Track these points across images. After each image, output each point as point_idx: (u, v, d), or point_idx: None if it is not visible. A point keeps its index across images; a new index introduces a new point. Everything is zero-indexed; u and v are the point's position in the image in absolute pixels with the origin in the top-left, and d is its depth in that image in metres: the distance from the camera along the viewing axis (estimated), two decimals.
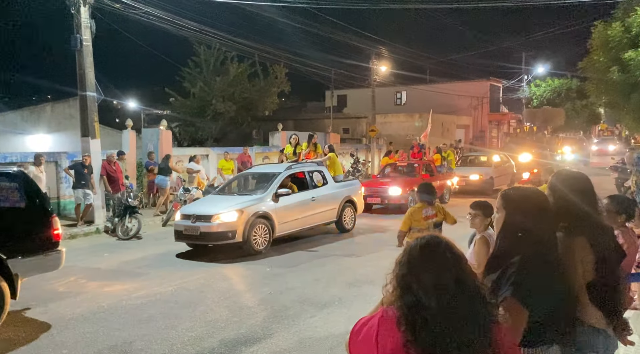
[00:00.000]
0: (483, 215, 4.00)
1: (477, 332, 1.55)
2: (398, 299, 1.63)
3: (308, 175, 10.86)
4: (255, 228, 9.03)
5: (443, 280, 1.58)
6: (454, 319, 1.54)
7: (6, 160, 12.59)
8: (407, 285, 1.62)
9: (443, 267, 1.61)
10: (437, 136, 26.87)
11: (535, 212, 2.16)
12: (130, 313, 6.13)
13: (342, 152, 24.95)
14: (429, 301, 1.56)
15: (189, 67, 25.16)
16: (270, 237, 9.32)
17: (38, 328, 5.61)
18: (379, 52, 27.53)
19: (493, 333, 1.58)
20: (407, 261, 1.67)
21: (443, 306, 1.55)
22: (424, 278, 1.60)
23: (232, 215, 8.89)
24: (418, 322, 1.56)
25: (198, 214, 9.07)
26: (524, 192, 2.29)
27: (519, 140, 30.08)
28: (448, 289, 1.57)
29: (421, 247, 1.68)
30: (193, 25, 16.92)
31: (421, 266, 1.63)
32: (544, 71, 43.30)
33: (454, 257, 1.65)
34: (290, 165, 10.92)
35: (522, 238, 2.13)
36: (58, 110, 23.34)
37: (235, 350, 4.92)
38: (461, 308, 1.56)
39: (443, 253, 1.65)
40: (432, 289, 1.57)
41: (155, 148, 15.55)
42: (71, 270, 8.32)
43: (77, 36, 11.76)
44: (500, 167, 18.91)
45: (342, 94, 37.93)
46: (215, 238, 8.93)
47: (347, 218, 11.28)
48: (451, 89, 34.95)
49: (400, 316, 1.60)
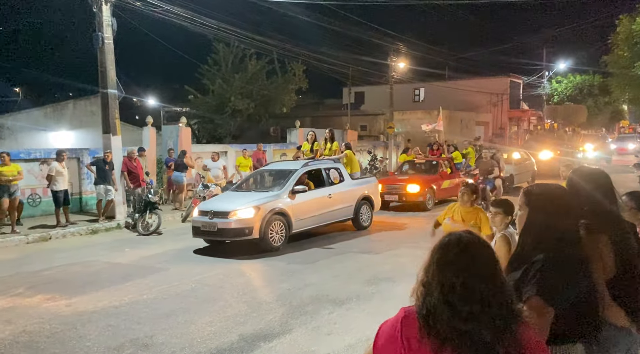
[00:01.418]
0: (504, 213, 3.97)
1: (499, 333, 1.52)
2: (420, 297, 1.61)
3: (325, 172, 10.84)
4: (271, 225, 9.07)
5: (464, 280, 1.55)
6: (474, 321, 1.52)
7: (30, 156, 12.87)
8: (429, 283, 1.60)
9: (467, 266, 1.57)
10: (455, 135, 26.63)
11: (559, 209, 2.13)
12: (150, 307, 6.22)
13: (360, 149, 24.90)
14: (449, 300, 1.54)
15: (208, 64, 25.37)
16: (286, 234, 9.33)
17: (62, 321, 5.73)
18: (397, 49, 27.37)
19: (518, 334, 1.55)
20: (431, 259, 1.64)
21: (464, 307, 1.53)
22: (445, 277, 1.57)
23: (249, 212, 8.94)
24: (437, 321, 1.54)
25: (215, 210, 9.12)
26: (548, 189, 2.26)
27: (539, 138, 29.64)
28: (469, 289, 1.54)
29: (445, 245, 1.64)
30: (212, 22, 17.01)
31: (445, 265, 1.59)
32: (566, 67, 42.62)
33: (480, 255, 1.61)
34: (307, 162, 10.93)
35: (546, 235, 2.11)
36: (80, 107, 23.72)
37: (254, 345, 4.97)
38: (484, 308, 1.53)
39: (468, 251, 1.60)
40: (452, 288, 1.54)
41: (174, 145, 15.72)
42: (93, 265, 8.49)
43: (98, 34, 11.93)
44: (521, 164, 18.67)
45: (359, 91, 37.84)
46: (233, 235, 8.98)
47: (364, 216, 11.26)
48: (470, 86, 34.62)
49: (419, 315, 1.58)
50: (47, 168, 11.70)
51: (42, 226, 11.25)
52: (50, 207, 11.94)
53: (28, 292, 6.88)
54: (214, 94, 25.17)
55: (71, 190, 12.28)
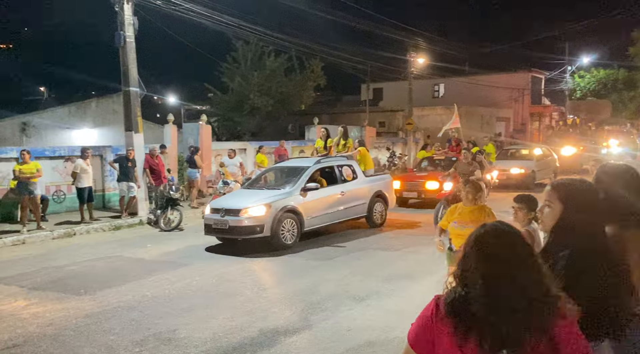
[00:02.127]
0: (527, 208, 3.94)
1: (529, 326, 1.52)
2: (451, 287, 1.64)
3: (337, 169, 10.65)
4: (283, 223, 9.01)
5: (493, 272, 1.54)
6: (506, 313, 1.52)
7: (55, 153, 13.16)
8: (465, 276, 1.60)
9: (510, 257, 1.56)
10: (475, 131, 26.34)
11: (587, 205, 2.11)
12: (173, 301, 6.33)
13: (378, 145, 24.83)
14: (491, 293, 1.53)
15: (228, 62, 25.55)
16: (298, 232, 9.28)
17: (86, 315, 5.87)
18: (416, 44, 27.16)
19: (553, 327, 1.54)
20: (468, 252, 1.63)
21: (506, 299, 1.52)
22: (489, 268, 1.56)
23: (260, 209, 8.90)
24: (464, 311, 1.56)
25: (227, 208, 9.10)
26: (576, 184, 2.24)
27: (562, 133, 29.16)
28: (515, 281, 1.53)
29: (483, 236, 1.63)
30: (232, 20, 17.12)
31: (487, 257, 1.58)
32: (589, 61, 41.73)
33: (520, 246, 1.60)
34: (319, 159, 10.78)
35: (573, 231, 2.09)
36: (103, 105, 24.11)
37: (274, 340, 5.02)
38: (525, 300, 1.52)
39: (508, 242, 1.60)
40: (497, 280, 1.54)
41: (195, 142, 15.90)
42: (117, 260, 8.66)
43: (120, 33, 12.11)
44: (542, 160, 18.40)
45: (378, 87, 37.65)
46: (244, 232, 8.95)
47: (378, 213, 11.10)
48: (491, 81, 34.17)
49: (446, 303, 1.61)
50: (72, 165, 11.94)
51: (66, 223, 11.50)
52: (74, 204, 12.19)
53: (54, 286, 7.05)
54: (234, 92, 25.35)
55: (94, 186, 12.52)
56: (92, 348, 4.93)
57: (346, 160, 11.14)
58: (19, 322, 5.66)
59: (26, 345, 5.03)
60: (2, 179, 11.88)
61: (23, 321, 5.68)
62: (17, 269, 8.04)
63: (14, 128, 21.80)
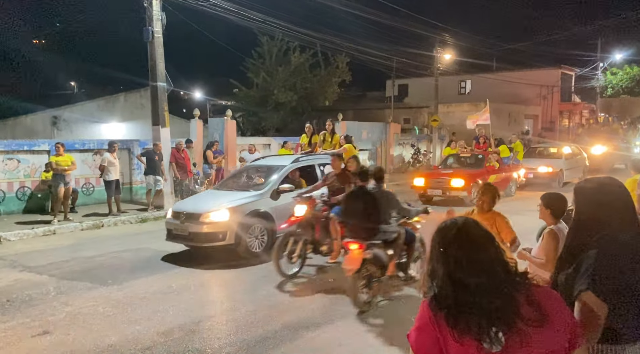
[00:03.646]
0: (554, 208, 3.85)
1: (508, 297, 1.59)
2: (427, 284, 1.73)
3: (319, 168, 9.47)
4: (250, 229, 8.06)
5: (467, 253, 1.65)
6: (481, 291, 1.60)
7: (84, 147, 13.47)
8: (434, 268, 1.70)
9: (466, 241, 1.68)
10: (503, 128, 25.88)
11: (612, 202, 2.06)
12: (197, 294, 6.42)
13: (403, 142, 24.66)
14: (456, 277, 1.63)
15: (253, 58, 25.68)
16: (268, 239, 8.27)
17: (114, 305, 6.00)
18: (443, 40, 26.84)
19: (532, 294, 1.62)
20: (432, 245, 1.75)
21: (471, 279, 1.61)
22: (449, 255, 1.67)
23: (223, 214, 7.93)
24: (446, 299, 1.64)
25: (187, 212, 8.22)
26: (600, 183, 2.19)
27: (592, 132, 28.44)
28: (474, 261, 1.63)
29: (443, 229, 1.74)
30: (257, 16, 17.20)
31: (447, 244, 1.69)
32: (622, 58, 40.54)
33: (476, 231, 1.71)
34: (298, 157, 9.80)
35: (600, 230, 2.04)
36: (131, 99, 24.56)
37: (297, 334, 5.05)
38: (490, 277, 1.61)
39: (465, 229, 1.71)
40: (458, 263, 1.64)
41: (220, 137, 16.05)
42: (143, 252, 8.82)
43: (149, 28, 12.29)
44: (571, 159, 17.98)
45: (403, 83, 37.35)
46: (205, 240, 8.01)
47: None
48: (519, 78, 33.52)
49: (430, 301, 1.69)
50: (100, 158, 12.21)
51: (95, 214, 11.76)
52: (102, 196, 12.46)
53: (83, 276, 7.23)
54: (258, 87, 25.49)
55: (122, 179, 12.76)
56: (118, 337, 5.04)
57: (330, 158, 9.96)
58: (50, 310, 5.82)
59: (56, 333, 5.17)
60: (34, 171, 12.22)
61: (53, 309, 5.84)
62: (48, 259, 8.26)
63: (45, 122, 22.41)
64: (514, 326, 1.55)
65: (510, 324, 1.56)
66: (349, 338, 4.95)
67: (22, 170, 12.08)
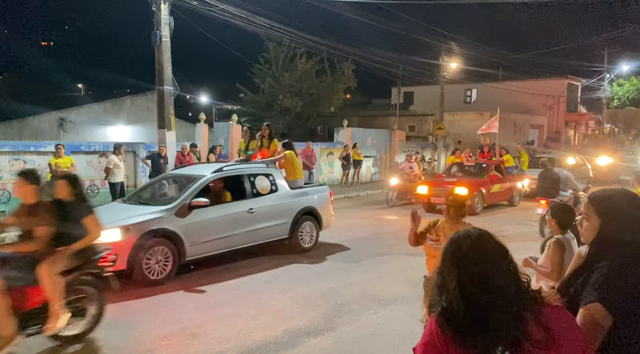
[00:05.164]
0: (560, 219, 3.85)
1: (516, 317, 1.56)
2: (436, 298, 1.68)
3: (248, 179, 8.39)
4: (149, 252, 6.82)
5: (481, 269, 1.60)
6: (491, 309, 1.56)
7: (90, 148, 13.53)
8: (444, 282, 1.66)
9: (481, 256, 1.63)
10: (508, 138, 25.86)
11: (626, 217, 2.04)
12: (199, 298, 6.42)
13: (408, 150, 24.67)
14: (468, 292, 1.59)
15: (259, 63, 25.83)
16: (174, 263, 7.08)
17: (115, 309, 5.99)
18: (449, 48, 26.89)
19: (542, 314, 1.58)
20: (444, 258, 1.70)
21: (483, 296, 1.57)
22: (462, 269, 1.62)
23: (114, 234, 6.53)
24: (455, 315, 1.60)
25: None
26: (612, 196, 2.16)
27: (597, 143, 28.39)
28: (487, 277, 1.59)
29: (456, 241, 1.70)
30: (265, 21, 17.29)
31: (460, 258, 1.65)
32: (629, 69, 40.50)
33: (491, 245, 1.66)
34: (221, 166, 8.40)
35: (613, 242, 2.01)
36: (137, 103, 24.70)
37: (298, 340, 5.03)
38: (503, 295, 1.57)
39: (480, 242, 1.66)
40: (471, 279, 1.60)
41: (225, 141, 16.11)
42: None
43: (157, 32, 12.38)
44: (575, 169, 17.91)
45: (408, 91, 37.42)
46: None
47: (305, 235, 8.95)
48: (525, 87, 33.55)
49: (438, 316, 1.64)
50: (106, 160, 12.25)
51: None
52: (107, 198, 12.48)
53: None
54: (264, 93, 25.61)
55: (127, 182, 12.81)
56: (120, 340, 5.04)
57: (264, 167, 8.86)
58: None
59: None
60: (40, 172, 12.26)
61: None
62: None
63: (52, 124, 22.55)
64: (521, 346, 1.53)
65: (516, 344, 1.53)
66: (351, 345, 4.94)
67: None
